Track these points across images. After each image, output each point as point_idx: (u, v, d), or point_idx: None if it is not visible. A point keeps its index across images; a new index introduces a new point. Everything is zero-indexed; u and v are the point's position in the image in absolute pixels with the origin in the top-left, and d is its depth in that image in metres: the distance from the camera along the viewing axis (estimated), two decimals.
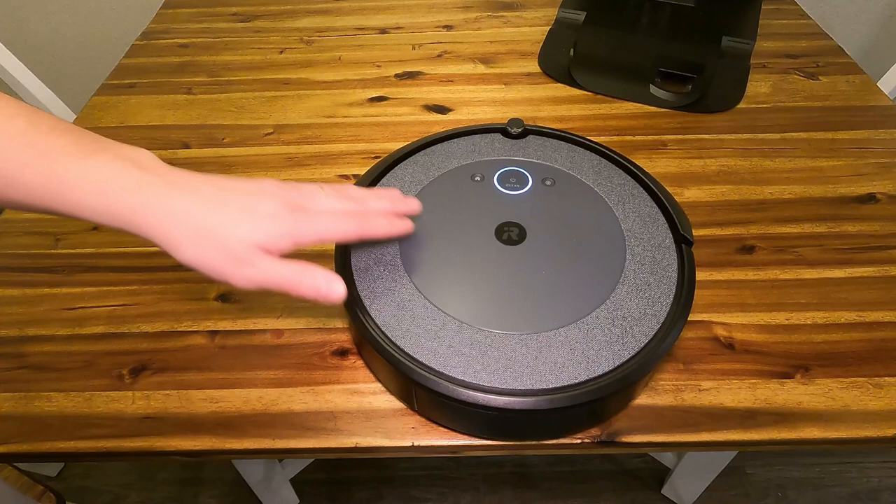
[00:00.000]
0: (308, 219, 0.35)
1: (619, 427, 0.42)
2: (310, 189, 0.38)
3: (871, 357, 0.45)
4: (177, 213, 0.32)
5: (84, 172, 0.31)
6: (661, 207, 0.49)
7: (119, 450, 0.42)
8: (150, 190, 0.32)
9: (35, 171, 0.30)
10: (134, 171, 0.32)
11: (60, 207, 0.31)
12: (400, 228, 0.41)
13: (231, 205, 0.33)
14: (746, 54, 0.75)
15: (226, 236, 0.32)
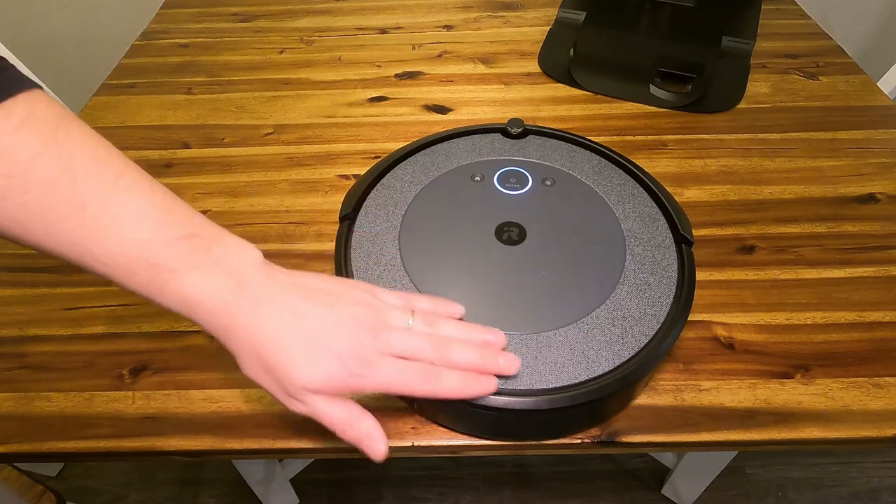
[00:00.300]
0: (371, 373, 0.34)
1: (619, 427, 0.42)
2: (396, 319, 0.36)
3: (871, 357, 0.45)
4: (250, 341, 0.33)
5: (177, 291, 0.32)
6: (661, 207, 0.49)
7: (119, 450, 0.42)
8: (233, 313, 0.33)
9: (139, 280, 0.31)
10: (226, 292, 0.32)
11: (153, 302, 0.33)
12: (475, 390, 0.36)
13: (300, 341, 0.33)
14: (746, 54, 0.75)
15: (282, 377, 0.33)
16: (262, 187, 0.61)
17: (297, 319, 0.33)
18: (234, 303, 0.32)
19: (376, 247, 0.46)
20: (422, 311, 0.38)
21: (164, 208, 0.32)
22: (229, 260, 0.33)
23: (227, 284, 0.32)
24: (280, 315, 0.33)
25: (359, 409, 0.35)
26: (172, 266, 0.31)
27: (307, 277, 0.36)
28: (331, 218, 0.57)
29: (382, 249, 0.46)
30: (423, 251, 0.46)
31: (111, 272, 0.31)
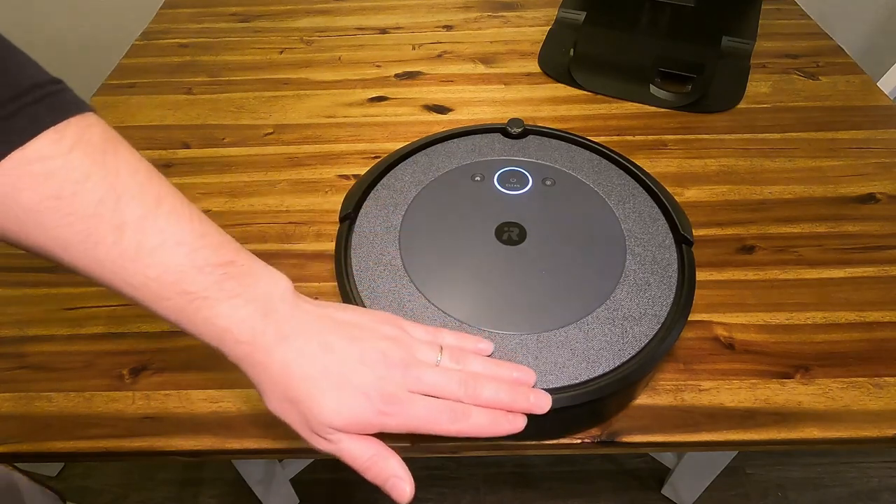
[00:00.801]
0: (399, 411, 0.33)
1: (619, 427, 0.42)
2: (425, 355, 0.35)
3: (871, 357, 0.45)
4: (275, 374, 0.33)
5: (209, 318, 0.32)
6: (661, 207, 0.49)
7: (119, 450, 0.42)
8: (262, 343, 0.32)
9: (170, 306, 0.32)
10: (254, 320, 0.32)
11: (179, 328, 0.33)
12: (504, 429, 0.35)
13: (326, 376, 0.32)
14: (746, 54, 0.75)
15: (307, 413, 0.32)
16: (262, 187, 0.61)
17: (323, 353, 0.33)
18: (261, 331, 0.32)
19: (376, 247, 0.46)
20: (449, 347, 0.37)
21: (201, 233, 0.32)
22: (259, 289, 0.33)
23: (255, 314, 0.32)
24: (306, 348, 0.33)
25: (384, 449, 0.34)
26: (205, 293, 0.31)
27: (334, 309, 0.36)
28: (331, 218, 0.57)
29: (382, 249, 0.46)
30: (423, 251, 0.46)
31: (142, 296, 0.31)
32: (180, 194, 0.33)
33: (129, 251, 0.30)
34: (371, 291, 0.43)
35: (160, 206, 0.31)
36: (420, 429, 0.34)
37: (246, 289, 0.32)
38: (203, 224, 0.32)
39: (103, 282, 0.31)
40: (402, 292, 0.43)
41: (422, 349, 0.36)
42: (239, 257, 0.33)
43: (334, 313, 0.35)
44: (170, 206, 0.31)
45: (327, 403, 0.32)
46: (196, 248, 0.31)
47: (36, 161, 0.28)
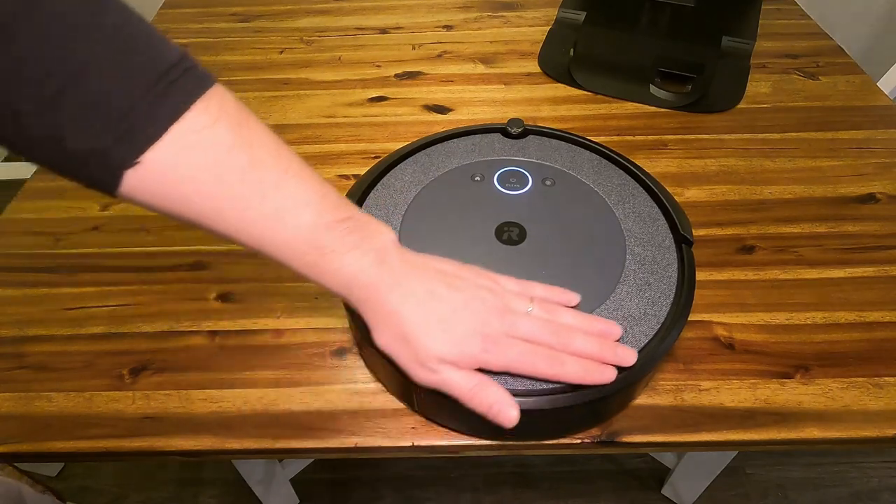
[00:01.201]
0: (499, 351, 0.36)
1: (619, 427, 0.42)
2: (517, 305, 0.38)
3: (871, 357, 0.45)
4: (389, 315, 0.36)
5: (338, 269, 0.35)
6: (661, 207, 0.49)
7: (119, 450, 0.42)
8: (379, 287, 0.36)
9: (306, 262, 0.34)
10: (374, 268, 0.35)
11: (308, 279, 0.36)
12: (596, 378, 0.37)
13: (433, 316, 0.36)
14: (746, 54, 0.75)
15: (418, 347, 0.36)
16: None
17: (431, 297, 0.36)
18: (378, 277, 0.35)
19: None
20: (539, 299, 0.40)
21: (323, 193, 0.35)
22: (374, 241, 0.36)
23: (373, 263, 0.35)
24: (416, 292, 0.36)
25: (486, 379, 0.37)
26: (333, 247, 0.34)
27: (435, 261, 0.39)
28: None
29: None
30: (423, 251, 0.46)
31: (283, 255, 0.34)
32: (300, 158, 0.35)
33: (271, 214, 0.32)
34: None
35: (288, 172, 0.33)
36: (519, 369, 0.37)
37: (363, 241, 0.35)
38: (323, 185, 0.35)
39: (251, 244, 0.33)
40: None
41: (514, 300, 0.39)
42: (354, 213, 0.36)
43: (435, 264, 0.39)
44: (295, 172, 0.34)
45: (438, 339, 0.35)
46: (321, 207, 0.34)
47: (191, 132, 0.30)
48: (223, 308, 0.50)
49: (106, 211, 0.59)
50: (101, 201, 0.60)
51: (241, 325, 0.49)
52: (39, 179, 0.63)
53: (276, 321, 0.49)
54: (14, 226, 0.58)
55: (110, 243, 0.56)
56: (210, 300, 0.51)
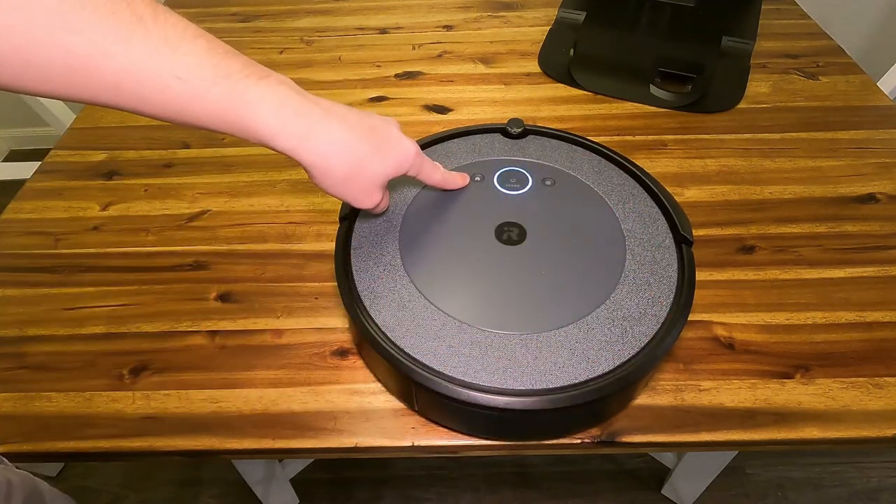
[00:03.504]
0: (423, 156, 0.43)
1: (619, 427, 0.42)
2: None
3: (871, 357, 0.45)
4: (335, 143, 0.37)
5: (262, 95, 0.34)
6: (661, 207, 0.49)
7: (119, 450, 0.42)
8: (313, 117, 0.36)
9: (221, 90, 0.33)
10: (296, 97, 0.36)
11: (235, 125, 0.35)
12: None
13: (373, 134, 0.39)
14: (746, 54, 0.75)
15: (373, 169, 0.39)
16: (262, 187, 0.61)
17: (360, 118, 0.39)
18: (308, 107, 0.36)
19: (376, 247, 0.46)
20: None
21: (212, 38, 0.35)
22: (277, 74, 0.36)
23: (293, 92, 0.36)
24: (348, 118, 0.38)
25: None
26: (244, 72, 0.34)
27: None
28: (331, 218, 0.57)
29: (382, 249, 0.46)
30: (423, 251, 0.46)
31: (190, 88, 0.33)
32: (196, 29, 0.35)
33: (166, 48, 0.32)
34: (371, 291, 0.43)
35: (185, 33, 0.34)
36: (438, 174, 0.46)
37: (269, 72, 0.36)
38: (207, 33, 0.35)
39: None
40: (402, 292, 0.43)
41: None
42: (246, 57, 0.36)
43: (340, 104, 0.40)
44: (192, 36, 0.34)
45: (384, 157, 0.40)
46: (210, 40, 0.35)
47: None
48: (223, 308, 0.50)
49: (106, 211, 0.59)
50: (101, 201, 0.60)
51: (241, 325, 0.49)
52: (39, 179, 0.63)
53: (276, 321, 0.49)
54: (14, 226, 0.58)
55: (110, 243, 0.56)
56: (210, 300, 0.51)
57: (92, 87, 0.31)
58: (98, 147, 0.67)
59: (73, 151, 0.66)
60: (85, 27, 0.29)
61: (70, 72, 0.30)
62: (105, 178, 0.63)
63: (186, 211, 0.59)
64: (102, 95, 0.32)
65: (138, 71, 0.31)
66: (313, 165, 0.38)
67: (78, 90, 0.31)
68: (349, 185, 0.40)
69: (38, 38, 0.28)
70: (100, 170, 0.64)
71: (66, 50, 0.29)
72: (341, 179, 0.39)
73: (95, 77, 0.31)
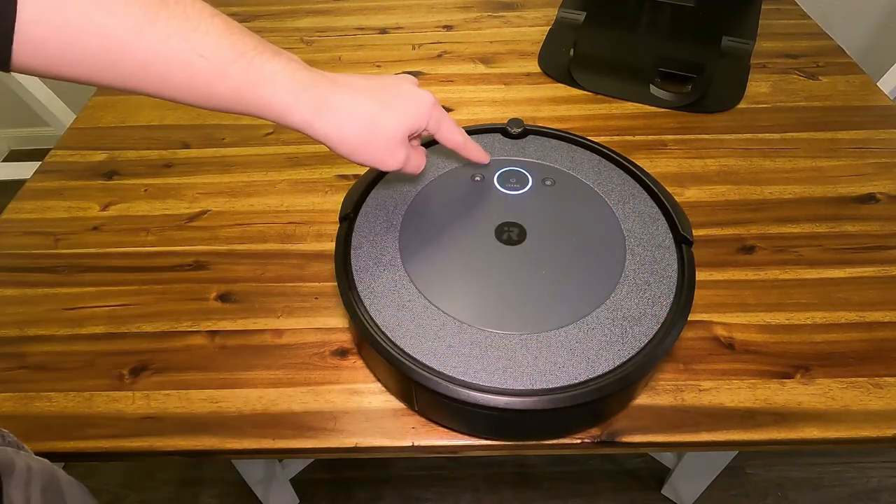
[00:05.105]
0: (442, 110, 0.42)
1: (619, 427, 0.42)
2: None
3: (871, 357, 0.45)
4: (343, 109, 0.37)
5: (275, 72, 0.35)
6: (661, 207, 0.49)
7: (119, 450, 0.42)
8: (321, 89, 0.37)
9: (239, 68, 0.34)
10: (305, 72, 0.37)
11: (251, 102, 0.35)
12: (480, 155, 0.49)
13: (382, 92, 0.39)
14: (746, 54, 0.75)
15: (386, 125, 0.39)
16: (262, 187, 0.61)
17: (368, 80, 0.40)
18: (317, 80, 0.37)
19: (376, 247, 0.46)
20: None
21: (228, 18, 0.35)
22: (286, 52, 0.37)
23: (302, 67, 0.37)
24: (355, 83, 0.39)
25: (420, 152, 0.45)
26: (258, 50, 0.35)
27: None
28: (331, 218, 0.57)
29: (382, 249, 0.46)
30: (423, 251, 0.46)
31: (210, 65, 0.33)
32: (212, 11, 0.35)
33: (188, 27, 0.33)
34: (371, 291, 0.43)
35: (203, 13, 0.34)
36: (456, 132, 0.45)
37: (280, 49, 0.36)
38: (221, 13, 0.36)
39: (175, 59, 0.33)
40: (402, 292, 0.43)
41: None
42: (258, 36, 0.36)
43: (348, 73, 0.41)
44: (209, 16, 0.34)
45: (397, 113, 0.40)
46: (226, 20, 0.35)
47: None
48: (223, 308, 0.50)
49: (106, 211, 0.59)
50: (101, 201, 0.60)
51: (241, 325, 0.49)
52: (39, 179, 0.63)
53: (276, 321, 0.49)
54: (14, 226, 0.58)
55: (110, 243, 0.56)
56: (210, 300, 0.51)
57: (122, 69, 0.32)
58: (98, 147, 0.67)
59: (73, 151, 0.66)
60: (117, 8, 0.30)
61: (104, 54, 0.31)
62: (105, 178, 0.63)
63: (186, 211, 0.59)
64: (130, 79, 0.32)
65: (165, 51, 0.32)
66: (327, 137, 0.38)
67: (109, 73, 0.32)
68: (368, 148, 0.39)
69: (74, 21, 0.29)
70: (100, 170, 0.64)
71: (100, 32, 0.30)
72: (358, 145, 0.39)
73: (127, 58, 0.31)
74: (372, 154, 0.40)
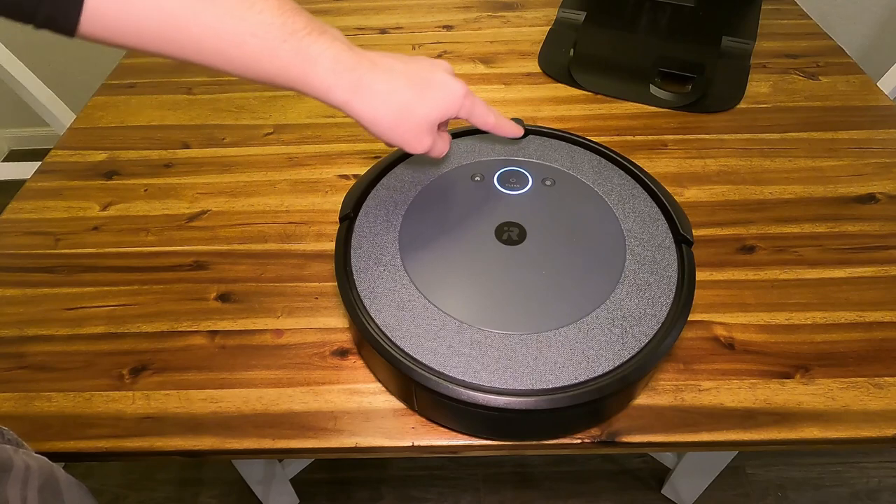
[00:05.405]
0: (475, 98, 0.44)
1: (619, 427, 0.42)
2: None
3: (871, 357, 0.45)
4: (380, 94, 0.39)
5: (321, 51, 0.37)
6: (661, 207, 0.49)
7: (119, 450, 0.42)
8: (361, 70, 0.38)
9: (289, 47, 0.36)
10: (348, 52, 0.38)
11: (297, 80, 0.37)
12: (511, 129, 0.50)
13: (417, 79, 0.40)
14: (746, 54, 0.75)
15: (418, 112, 0.40)
16: (262, 187, 0.61)
17: (405, 63, 0.41)
18: (358, 61, 0.38)
19: (376, 247, 0.46)
20: None
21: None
22: (331, 29, 0.39)
23: (346, 48, 0.38)
24: (395, 67, 0.40)
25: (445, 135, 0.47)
26: (306, 29, 0.36)
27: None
28: (331, 218, 0.57)
29: (382, 249, 0.46)
30: (423, 251, 0.46)
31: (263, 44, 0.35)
32: None
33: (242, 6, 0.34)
34: (371, 291, 0.43)
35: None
36: (489, 115, 0.47)
37: (326, 28, 0.38)
38: None
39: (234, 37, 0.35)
40: (402, 292, 0.43)
41: None
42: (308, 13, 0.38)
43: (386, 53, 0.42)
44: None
45: (429, 99, 0.41)
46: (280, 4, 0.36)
47: None
48: (223, 308, 0.50)
49: (106, 211, 0.59)
50: (101, 201, 0.60)
51: (241, 325, 0.49)
52: (39, 179, 0.63)
53: (276, 321, 0.49)
54: (14, 226, 0.58)
55: (110, 243, 0.56)
56: (210, 300, 0.51)
57: (179, 43, 0.34)
58: (98, 147, 0.67)
59: (73, 151, 0.67)
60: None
61: (163, 29, 0.33)
62: (105, 178, 0.63)
63: (186, 211, 0.59)
64: (186, 51, 0.34)
65: (220, 29, 0.34)
66: (362, 117, 0.40)
67: (166, 46, 0.34)
68: (397, 131, 0.41)
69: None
70: (100, 170, 0.64)
71: (162, 9, 0.32)
72: (389, 127, 0.41)
73: (184, 34, 0.33)
74: (401, 137, 0.41)
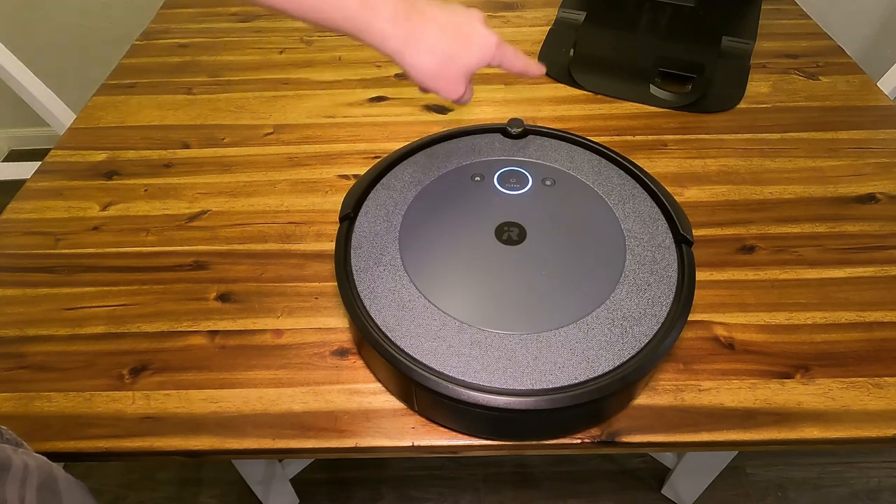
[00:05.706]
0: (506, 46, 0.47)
1: (619, 427, 0.42)
2: None
3: (871, 357, 0.45)
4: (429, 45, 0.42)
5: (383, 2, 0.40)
6: (661, 207, 0.49)
7: (119, 450, 0.42)
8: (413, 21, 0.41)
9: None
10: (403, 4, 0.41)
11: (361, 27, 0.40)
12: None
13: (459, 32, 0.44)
14: (746, 54, 0.75)
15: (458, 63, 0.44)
16: (262, 187, 0.61)
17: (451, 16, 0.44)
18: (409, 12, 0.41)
19: (376, 247, 0.46)
20: None
21: None
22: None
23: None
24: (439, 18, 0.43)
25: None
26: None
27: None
28: (331, 218, 0.57)
29: (382, 249, 0.46)
30: (423, 251, 0.46)
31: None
32: None
33: None
34: (371, 291, 0.43)
35: None
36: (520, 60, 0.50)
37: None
38: None
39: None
40: (402, 292, 0.43)
41: None
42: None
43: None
44: None
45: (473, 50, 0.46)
46: None
47: None
48: (223, 308, 0.50)
49: (106, 211, 0.59)
50: (101, 201, 0.60)
51: (241, 325, 0.49)
52: (39, 179, 0.63)
53: (276, 321, 0.49)
54: (14, 226, 0.58)
55: (110, 243, 0.56)
56: (210, 300, 0.51)
57: None
58: (98, 147, 0.67)
59: (73, 151, 0.67)
60: None
61: None
62: (105, 178, 0.63)
63: (186, 211, 0.59)
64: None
65: None
66: (411, 66, 0.43)
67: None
68: (439, 79, 0.44)
69: None
70: (100, 170, 0.64)
71: None
72: (432, 75, 0.43)
73: None
74: (440, 84, 0.44)
